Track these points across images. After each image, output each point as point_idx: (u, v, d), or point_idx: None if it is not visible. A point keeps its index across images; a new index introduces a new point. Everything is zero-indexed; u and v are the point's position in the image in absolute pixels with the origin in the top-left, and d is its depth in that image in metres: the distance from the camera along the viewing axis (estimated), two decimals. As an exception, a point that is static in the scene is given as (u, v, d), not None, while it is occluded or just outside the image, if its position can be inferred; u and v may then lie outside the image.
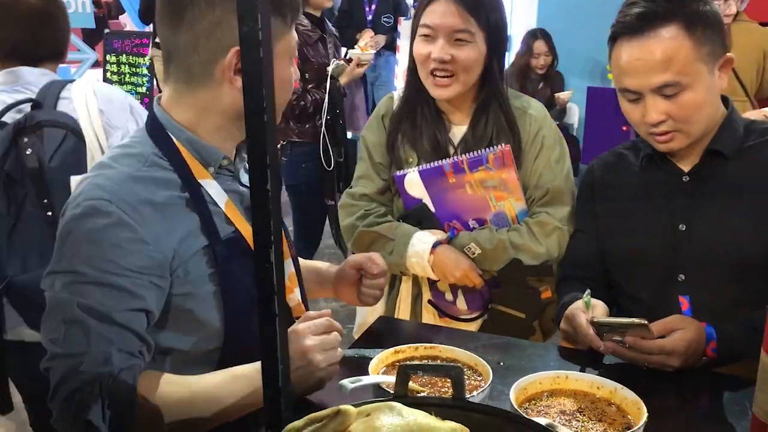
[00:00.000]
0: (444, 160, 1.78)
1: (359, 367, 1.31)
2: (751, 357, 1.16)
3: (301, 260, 1.55)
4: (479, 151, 1.76)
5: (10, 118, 1.77)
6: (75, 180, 1.72)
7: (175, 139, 1.26)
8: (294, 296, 1.43)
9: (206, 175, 1.27)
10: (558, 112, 5.18)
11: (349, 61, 3.78)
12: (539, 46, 5.15)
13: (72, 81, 1.89)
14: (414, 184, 1.80)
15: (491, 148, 1.76)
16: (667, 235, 1.54)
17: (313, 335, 1.19)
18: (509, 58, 5.79)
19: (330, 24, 3.98)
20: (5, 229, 1.73)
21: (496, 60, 1.79)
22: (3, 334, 1.78)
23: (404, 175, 1.81)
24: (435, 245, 1.77)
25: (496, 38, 1.77)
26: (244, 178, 1.36)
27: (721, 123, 1.51)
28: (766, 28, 4.15)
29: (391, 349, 1.31)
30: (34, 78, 1.87)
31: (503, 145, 1.76)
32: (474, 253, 1.79)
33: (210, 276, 1.23)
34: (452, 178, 1.78)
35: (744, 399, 1.27)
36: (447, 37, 1.71)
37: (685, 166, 1.54)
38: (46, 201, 1.74)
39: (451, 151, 1.83)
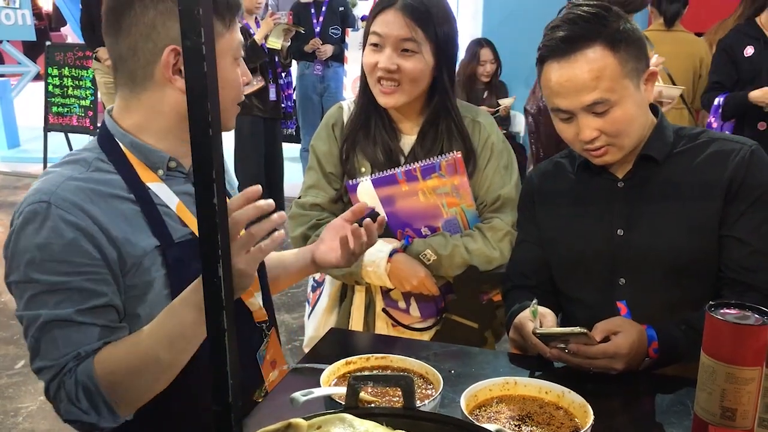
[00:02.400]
0: (396, 168, 1.80)
1: (311, 379, 1.31)
2: (692, 357, 1.20)
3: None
4: (432, 158, 1.79)
5: None
6: None
7: (120, 144, 1.29)
8: (255, 300, 1.44)
9: (154, 178, 1.29)
10: (501, 119, 5.27)
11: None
12: (485, 53, 5.23)
13: None
14: (366, 192, 1.81)
15: (443, 155, 1.79)
16: (605, 240, 1.58)
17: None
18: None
19: None
20: None
21: (445, 72, 1.81)
22: None
23: (357, 184, 1.81)
24: (391, 254, 1.78)
25: (445, 50, 1.80)
26: None
27: (651, 130, 1.56)
28: (700, 37, 4.30)
29: (343, 361, 1.31)
30: None
31: (455, 152, 1.79)
32: (430, 260, 1.80)
33: (160, 278, 1.24)
34: (405, 185, 1.79)
35: (686, 398, 1.31)
36: (393, 46, 1.74)
37: (619, 173, 1.59)
38: None
39: (402, 160, 1.85)
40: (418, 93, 1.80)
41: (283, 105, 5.25)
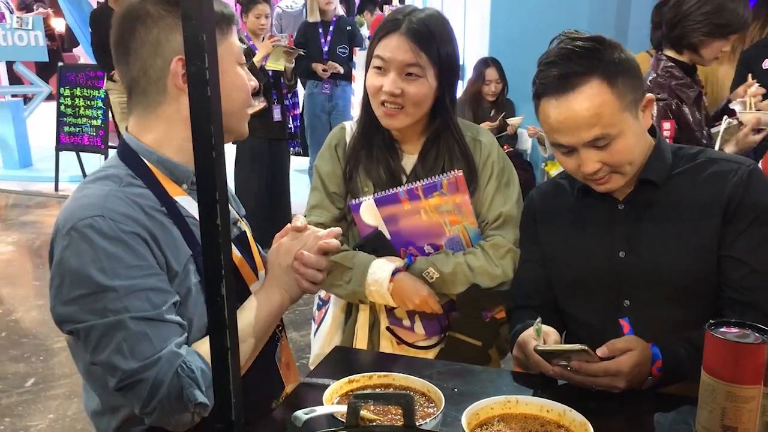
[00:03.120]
0: (399, 187, 1.81)
1: (314, 397, 1.32)
2: (695, 376, 1.20)
3: None
4: (433, 177, 1.80)
5: None
6: None
7: (146, 161, 1.34)
8: None
9: (180, 192, 1.36)
10: (508, 137, 5.28)
11: None
12: (490, 73, 5.26)
13: None
14: (369, 211, 1.83)
15: (445, 174, 1.80)
16: (607, 262, 1.58)
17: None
18: (462, 86, 5.89)
19: None
20: None
21: (447, 92, 1.83)
22: None
23: (359, 204, 1.83)
24: (394, 273, 1.79)
25: (448, 71, 1.81)
26: None
27: (650, 153, 1.56)
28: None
29: (345, 379, 1.32)
30: None
31: (456, 170, 1.80)
32: (432, 278, 1.81)
33: (196, 285, 1.31)
34: (407, 204, 1.81)
35: (688, 417, 1.31)
36: (398, 70, 1.75)
37: (619, 195, 1.58)
38: None
39: (404, 179, 1.87)
40: (421, 115, 1.81)
41: (289, 126, 5.27)
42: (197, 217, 1.33)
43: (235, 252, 1.44)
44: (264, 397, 1.49)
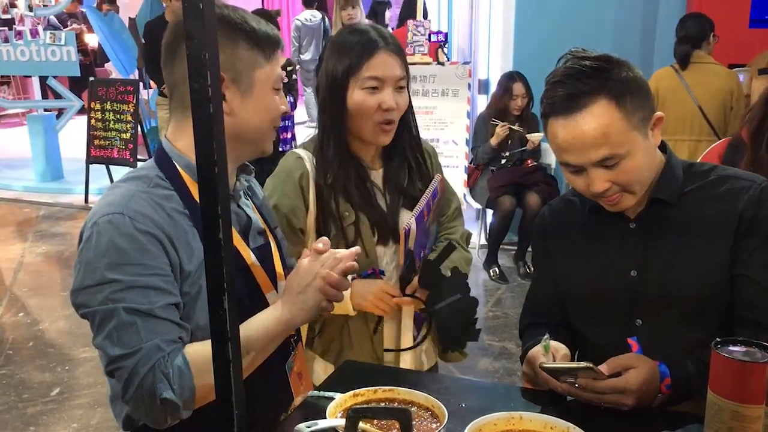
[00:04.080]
0: (421, 204, 1.82)
1: (317, 411, 1.33)
2: (704, 393, 1.19)
3: None
4: (431, 185, 1.89)
5: None
6: None
7: (177, 165, 1.41)
8: None
9: None
10: (530, 152, 5.25)
11: None
12: (518, 87, 5.22)
13: None
14: (412, 233, 1.81)
15: (435, 180, 1.90)
16: (618, 281, 1.56)
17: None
18: (486, 100, 5.88)
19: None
20: None
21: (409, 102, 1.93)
22: None
23: (409, 228, 1.79)
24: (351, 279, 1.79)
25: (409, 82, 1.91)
26: (242, 201, 1.52)
27: (661, 171, 1.54)
28: (732, 70, 4.28)
29: (350, 393, 1.33)
30: None
31: (437, 175, 1.93)
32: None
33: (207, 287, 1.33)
34: (426, 216, 1.85)
35: (697, 436, 1.30)
36: (393, 86, 1.82)
37: (631, 213, 1.56)
38: None
39: (379, 195, 1.90)
40: None
41: (281, 149, 5.17)
42: None
43: (253, 259, 1.48)
44: (273, 406, 1.50)
